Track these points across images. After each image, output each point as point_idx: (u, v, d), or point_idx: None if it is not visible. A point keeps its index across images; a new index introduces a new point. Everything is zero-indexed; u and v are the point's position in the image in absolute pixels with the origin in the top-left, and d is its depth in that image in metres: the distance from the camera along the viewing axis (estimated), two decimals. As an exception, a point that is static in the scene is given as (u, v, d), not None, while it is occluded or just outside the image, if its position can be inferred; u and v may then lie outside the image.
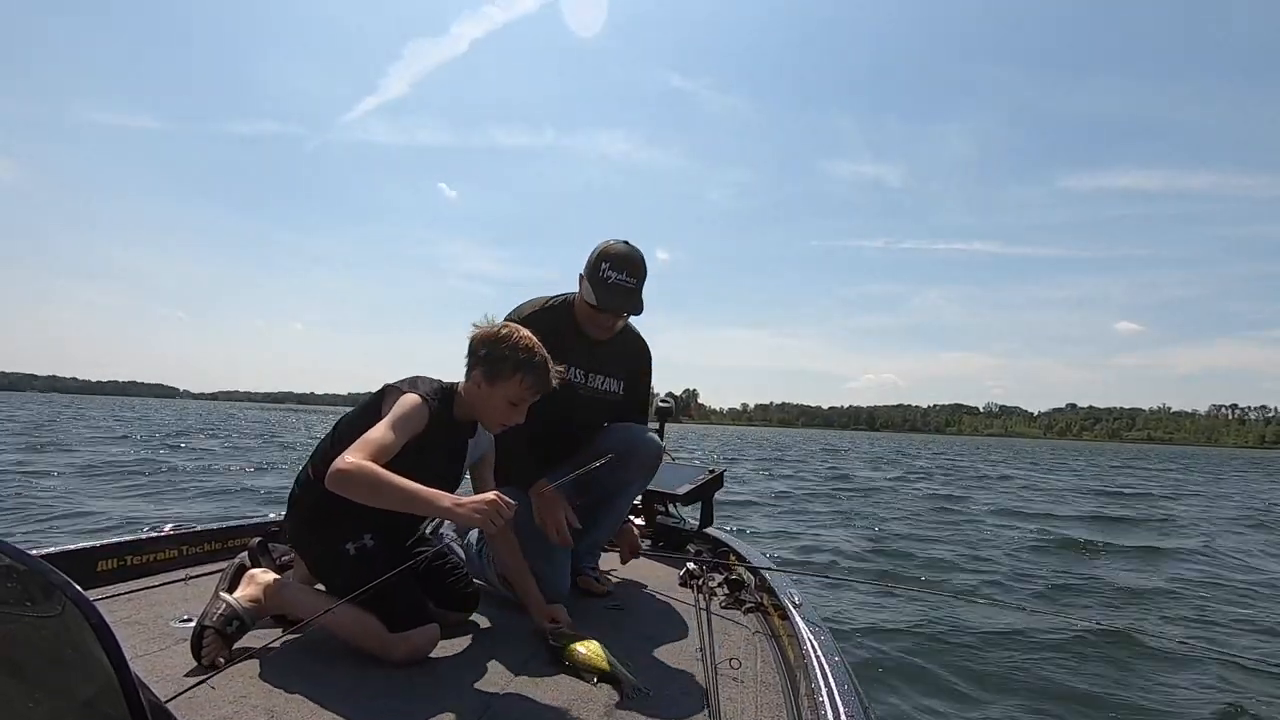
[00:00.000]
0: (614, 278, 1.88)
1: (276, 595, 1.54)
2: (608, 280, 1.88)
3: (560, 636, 1.50)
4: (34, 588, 0.54)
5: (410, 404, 1.50)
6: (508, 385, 1.54)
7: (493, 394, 1.55)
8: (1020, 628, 3.84)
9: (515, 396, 1.55)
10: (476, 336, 1.58)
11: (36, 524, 5.63)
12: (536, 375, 1.55)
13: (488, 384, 1.55)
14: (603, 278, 1.88)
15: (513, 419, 1.59)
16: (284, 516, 1.69)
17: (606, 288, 1.88)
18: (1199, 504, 12.46)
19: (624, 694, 1.31)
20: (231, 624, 1.46)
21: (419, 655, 1.44)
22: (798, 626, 1.46)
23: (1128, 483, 17.82)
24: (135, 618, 1.63)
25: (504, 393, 1.55)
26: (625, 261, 1.90)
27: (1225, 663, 3.32)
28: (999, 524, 8.27)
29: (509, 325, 1.60)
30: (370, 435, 1.43)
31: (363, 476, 1.36)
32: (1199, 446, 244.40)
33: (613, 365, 2.08)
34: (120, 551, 1.90)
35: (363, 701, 1.24)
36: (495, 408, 1.57)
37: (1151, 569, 5.80)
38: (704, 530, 2.64)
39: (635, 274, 1.91)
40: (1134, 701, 2.83)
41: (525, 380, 1.54)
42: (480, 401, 1.58)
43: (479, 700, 1.27)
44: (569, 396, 1.94)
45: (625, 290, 1.90)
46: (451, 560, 1.74)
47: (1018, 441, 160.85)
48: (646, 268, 1.95)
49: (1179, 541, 7.39)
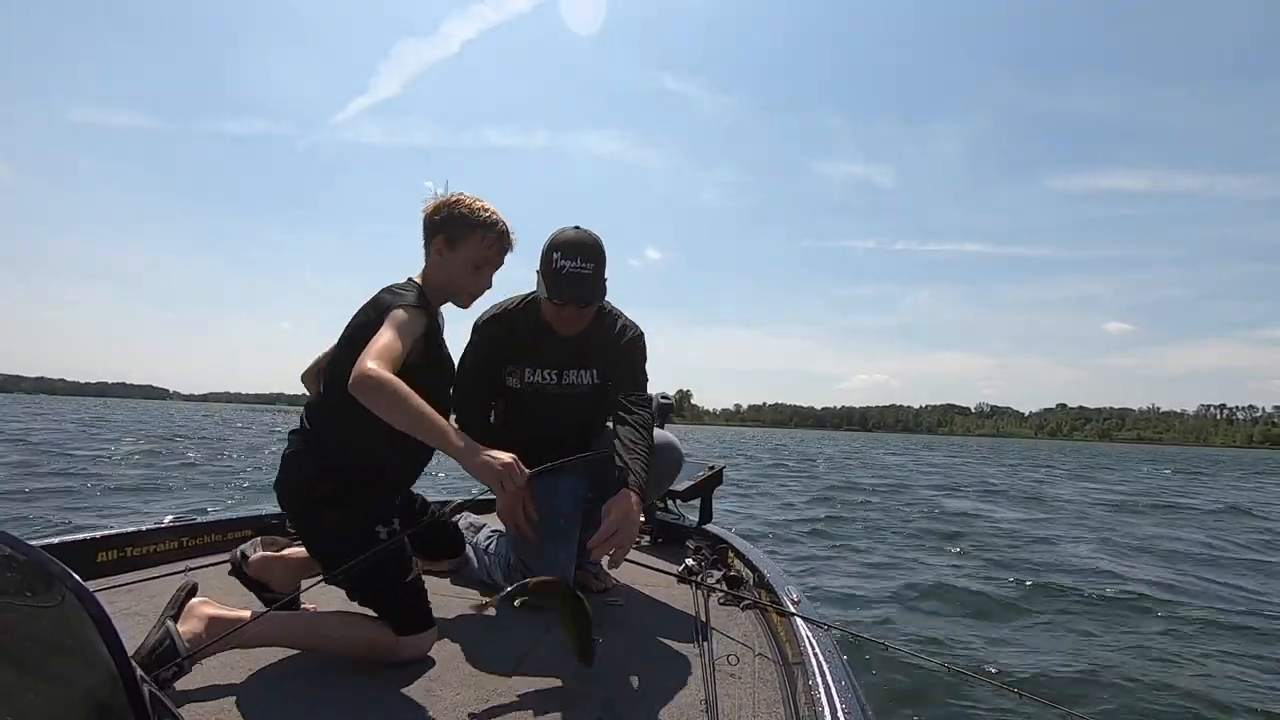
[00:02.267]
0: (568, 266, 1.72)
1: (230, 632, 1.24)
2: (562, 270, 1.73)
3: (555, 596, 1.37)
4: (34, 578, 0.54)
5: (409, 313, 1.41)
6: (469, 245, 1.52)
7: (455, 259, 1.53)
8: (1019, 628, 3.85)
9: (478, 258, 1.54)
10: (429, 207, 1.55)
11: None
12: (496, 231, 1.54)
13: (449, 249, 1.52)
14: (556, 268, 1.73)
15: (480, 284, 1.58)
16: (279, 483, 1.47)
17: (561, 278, 1.73)
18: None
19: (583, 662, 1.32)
20: (169, 669, 1.17)
21: (418, 656, 1.41)
22: (796, 624, 1.46)
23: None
24: (135, 609, 1.63)
25: (466, 255, 1.52)
26: (578, 246, 1.74)
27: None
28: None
29: (460, 192, 1.56)
30: (383, 342, 1.33)
31: (393, 390, 1.26)
32: (1188, 446, 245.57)
33: (593, 356, 1.93)
34: (120, 543, 1.90)
35: (360, 699, 1.24)
36: (460, 273, 1.54)
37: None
38: (703, 527, 2.64)
39: (590, 258, 1.74)
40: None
41: (486, 237, 1.52)
42: (445, 273, 1.54)
43: (476, 696, 1.27)
44: (539, 401, 1.88)
45: (580, 277, 1.73)
46: (430, 508, 1.73)
47: (1009, 442, 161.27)
48: (603, 251, 1.79)
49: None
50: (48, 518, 5.82)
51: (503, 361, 1.89)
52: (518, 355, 1.88)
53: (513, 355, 1.88)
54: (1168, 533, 8.17)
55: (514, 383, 1.90)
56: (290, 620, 1.38)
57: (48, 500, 6.85)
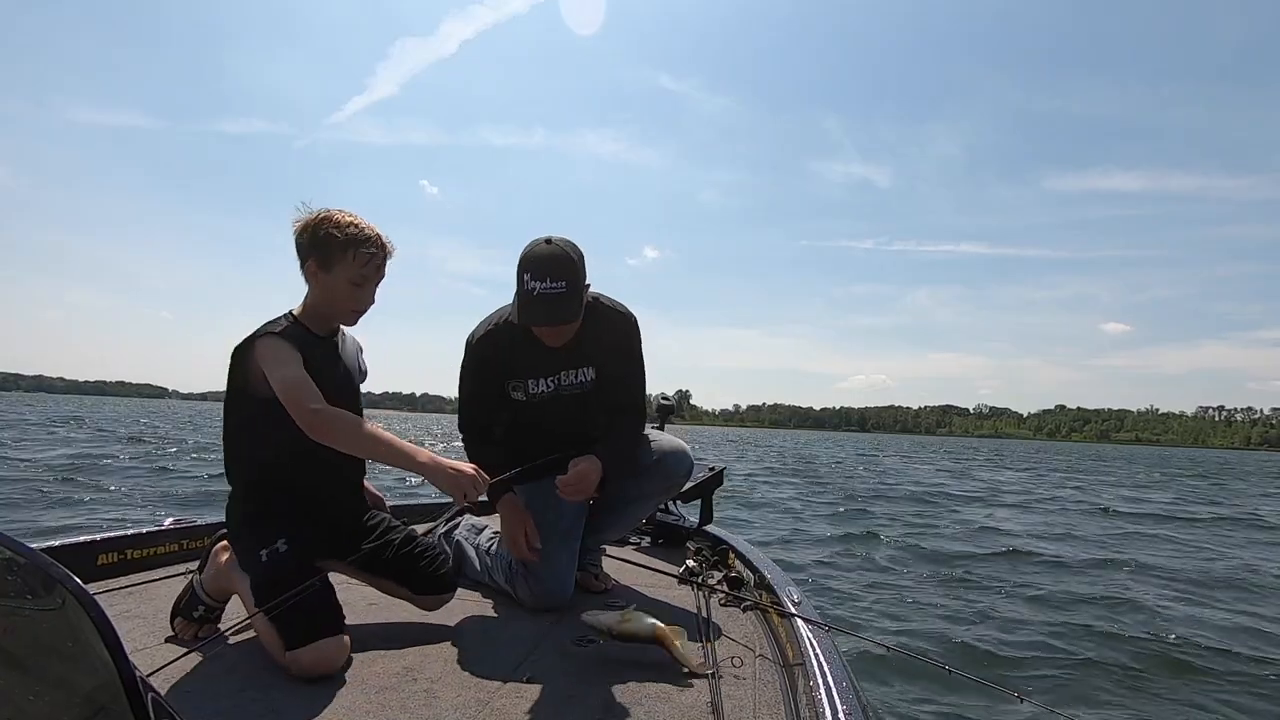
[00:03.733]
0: (538, 288, 1.61)
1: (226, 574, 1.48)
2: (533, 292, 1.62)
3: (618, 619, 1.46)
4: (34, 581, 0.54)
5: (267, 345, 1.41)
6: (343, 266, 1.46)
7: (332, 281, 1.48)
8: (1019, 625, 3.85)
9: (355, 276, 1.48)
10: (297, 227, 1.48)
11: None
12: (369, 245, 1.48)
13: (324, 271, 1.47)
14: (527, 290, 1.62)
15: (363, 302, 1.52)
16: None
17: (532, 301, 1.62)
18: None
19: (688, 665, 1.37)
20: (197, 608, 1.50)
21: (315, 672, 1.31)
22: (796, 625, 1.46)
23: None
24: (135, 611, 1.63)
25: (343, 275, 1.47)
26: (547, 264, 1.62)
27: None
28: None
29: (326, 209, 1.49)
30: (282, 381, 1.34)
31: (344, 421, 1.34)
32: (1186, 448, 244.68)
33: (588, 354, 1.85)
34: (121, 545, 1.90)
35: (360, 700, 1.24)
36: (340, 294, 1.49)
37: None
38: (703, 528, 2.64)
39: (561, 275, 1.62)
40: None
41: (358, 254, 1.46)
42: (324, 294, 1.50)
43: (477, 698, 1.27)
44: (542, 410, 1.85)
45: (552, 298, 1.61)
46: (421, 544, 1.66)
47: (1009, 443, 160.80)
48: (577, 263, 1.66)
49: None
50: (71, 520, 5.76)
51: (501, 378, 1.86)
52: (515, 370, 1.84)
53: (510, 371, 1.84)
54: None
55: (519, 396, 1.86)
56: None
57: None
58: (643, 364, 1.94)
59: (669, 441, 2.00)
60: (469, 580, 2.05)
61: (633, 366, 1.91)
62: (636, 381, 1.94)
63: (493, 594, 1.95)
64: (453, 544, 2.14)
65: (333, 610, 1.41)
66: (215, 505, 6.90)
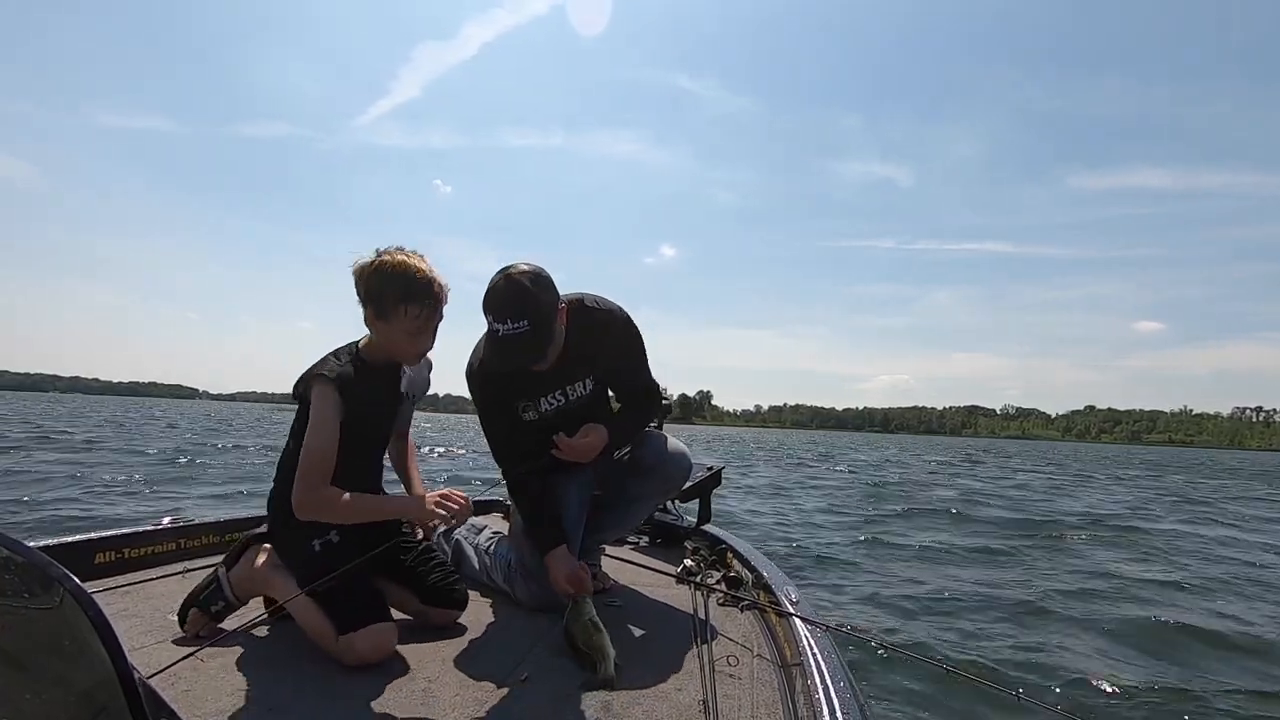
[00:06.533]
0: (501, 330, 1.53)
1: (263, 576, 1.54)
2: (497, 334, 1.54)
3: (577, 620, 1.50)
4: (32, 580, 0.54)
5: (318, 396, 1.47)
6: (396, 319, 1.49)
7: (389, 330, 1.51)
8: (1020, 630, 3.84)
9: (410, 328, 1.50)
10: (354, 273, 1.51)
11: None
12: (421, 302, 1.49)
13: (380, 321, 1.51)
14: (492, 331, 1.55)
15: (422, 346, 1.56)
16: (270, 494, 1.64)
17: (497, 344, 1.55)
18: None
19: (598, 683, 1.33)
20: (217, 602, 1.52)
21: (370, 659, 1.38)
22: (794, 625, 1.46)
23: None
24: (133, 610, 1.63)
25: (399, 326, 1.50)
26: (507, 302, 1.52)
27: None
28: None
29: (382, 254, 1.49)
30: (308, 452, 1.42)
31: (327, 506, 1.42)
32: (1222, 449, 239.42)
33: (587, 361, 1.81)
34: (118, 544, 1.90)
35: (359, 700, 1.24)
36: (398, 342, 1.53)
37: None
38: (701, 527, 2.64)
39: (522, 313, 1.51)
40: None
41: (410, 310, 1.48)
42: (383, 340, 1.54)
43: (475, 698, 1.27)
44: (553, 425, 1.79)
45: (516, 339, 1.52)
46: (437, 558, 1.70)
47: (1039, 444, 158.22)
48: (539, 297, 1.54)
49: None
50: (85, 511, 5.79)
51: (511, 403, 1.83)
52: (520, 393, 1.81)
53: (514, 395, 1.82)
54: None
55: (530, 415, 1.83)
56: (289, 584, 1.48)
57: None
58: (643, 355, 1.91)
59: (668, 442, 2.01)
60: (467, 580, 2.05)
61: (632, 360, 1.89)
62: (639, 368, 1.91)
63: (491, 594, 1.95)
64: (451, 543, 2.14)
65: (380, 598, 1.50)
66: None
